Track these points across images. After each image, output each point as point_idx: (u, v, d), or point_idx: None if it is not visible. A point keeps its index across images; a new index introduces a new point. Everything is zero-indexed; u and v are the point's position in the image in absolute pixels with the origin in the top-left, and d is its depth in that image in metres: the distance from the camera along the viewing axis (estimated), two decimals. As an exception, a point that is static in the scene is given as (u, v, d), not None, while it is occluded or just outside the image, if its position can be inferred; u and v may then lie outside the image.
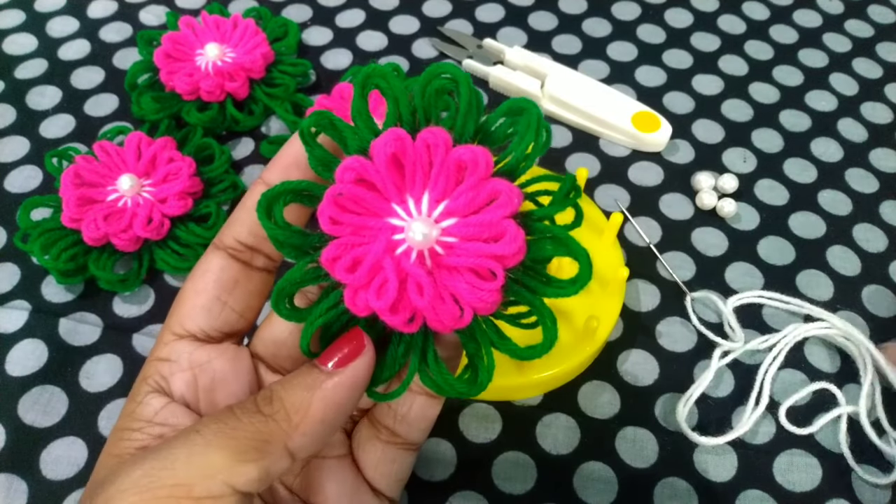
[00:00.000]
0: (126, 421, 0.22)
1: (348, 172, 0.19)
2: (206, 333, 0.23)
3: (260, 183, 0.22)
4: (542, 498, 0.33)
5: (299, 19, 0.51)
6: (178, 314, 0.23)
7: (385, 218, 0.20)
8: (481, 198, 0.19)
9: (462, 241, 0.19)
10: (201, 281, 0.22)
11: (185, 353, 0.22)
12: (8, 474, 0.33)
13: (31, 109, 0.46)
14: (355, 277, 0.19)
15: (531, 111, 0.20)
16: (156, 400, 0.22)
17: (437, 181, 0.20)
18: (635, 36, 0.51)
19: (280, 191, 0.20)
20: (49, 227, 0.38)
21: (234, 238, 0.22)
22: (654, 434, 0.34)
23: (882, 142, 0.46)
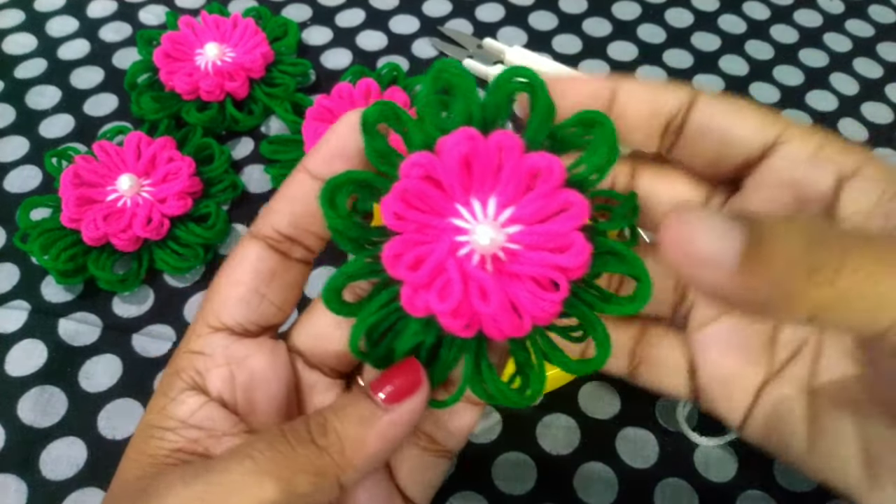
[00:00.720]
0: (158, 418, 0.21)
1: (416, 168, 0.19)
2: (243, 326, 0.22)
3: (302, 171, 0.21)
4: (542, 498, 0.33)
5: (299, 19, 0.51)
6: (213, 305, 0.22)
7: (449, 218, 0.19)
8: (551, 207, 0.19)
9: (526, 249, 0.19)
10: (238, 271, 0.21)
11: (221, 347, 0.21)
12: (8, 474, 0.33)
13: (31, 109, 0.46)
14: (417, 276, 0.19)
15: (607, 125, 0.20)
16: (192, 399, 0.21)
17: (507, 186, 0.19)
18: (636, 36, 0.51)
19: (344, 180, 0.19)
20: (48, 227, 0.38)
21: (273, 228, 0.21)
22: (654, 434, 0.34)
23: (882, 142, 0.46)
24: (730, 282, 0.15)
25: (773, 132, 0.21)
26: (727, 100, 0.21)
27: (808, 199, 0.21)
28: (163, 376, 0.22)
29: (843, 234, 0.16)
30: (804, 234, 0.15)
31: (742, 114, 0.21)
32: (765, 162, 0.21)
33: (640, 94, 0.22)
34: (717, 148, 0.21)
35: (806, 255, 0.15)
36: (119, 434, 0.34)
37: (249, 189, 0.43)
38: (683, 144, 0.22)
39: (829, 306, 0.15)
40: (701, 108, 0.21)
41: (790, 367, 0.22)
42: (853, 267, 0.15)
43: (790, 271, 0.15)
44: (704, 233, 0.15)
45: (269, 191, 0.42)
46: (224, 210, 0.41)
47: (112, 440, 0.34)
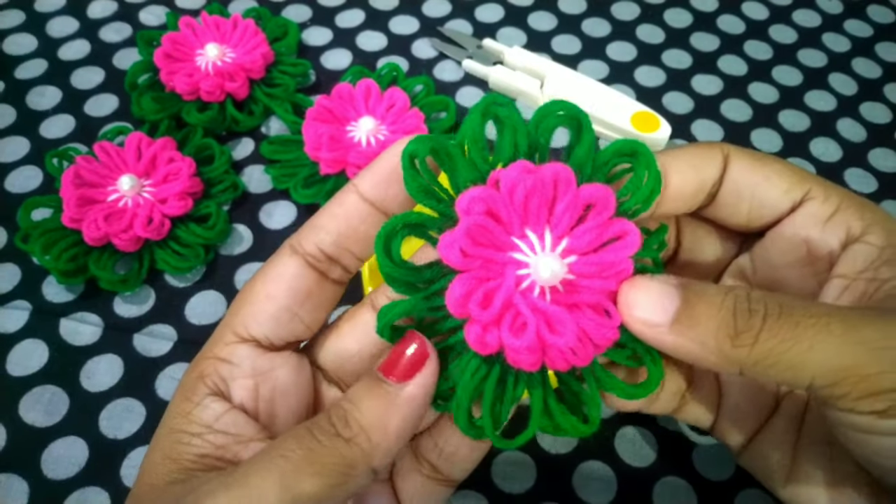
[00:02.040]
0: (182, 422, 0.21)
1: (478, 203, 0.19)
2: (270, 341, 0.22)
3: (353, 191, 0.21)
4: (542, 497, 0.33)
5: (299, 19, 0.51)
6: (243, 315, 0.22)
7: (509, 252, 0.19)
8: (604, 237, 0.19)
9: (579, 279, 0.19)
10: (273, 286, 0.22)
11: (248, 359, 0.22)
12: (9, 474, 0.33)
13: (32, 110, 0.46)
14: (487, 314, 0.19)
15: (647, 154, 0.20)
16: (216, 404, 0.21)
17: (562, 218, 0.19)
18: (635, 36, 0.51)
19: (398, 225, 0.19)
20: (49, 228, 0.38)
21: (317, 245, 0.22)
22: (653, 433, 0.34)
23: (881, 142, 0.46)
24: (664, 340, 0.19)
25: (800, 192, 0.23)
26: (757, 162, 0.23)
27: (817, 256, 0.23)
28: (184, 380, 0.22)
29: (769, 303, 0.19)
30: (733, 302, 0.19)
31: (772, 178, 0.23)
32: (787, 219, 0.23)
33: (687, 170, 0.23)
34: (749, 209, 0.23)
35: (731, 321, 0.18)
36: (120, 434, 0.34)
37: (250, 189, 0.43)
38: (718, 206, 0.24)
39: (752, 365, 0.18)
40: (734, 174, 0.23)
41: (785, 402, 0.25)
42: (769, 334, 0.18)
43: (715, 335, 0.19)
44: (644, 298, 0.19)
45: (269, 191, 0.43)
46: (224, 210, 0.41)
47: (113, 440, 0.34)
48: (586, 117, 0.20)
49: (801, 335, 0.18)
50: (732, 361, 0.19)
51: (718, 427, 0.26)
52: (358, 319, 0.23)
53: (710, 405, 0.26)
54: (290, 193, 0.41)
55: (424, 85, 0.45)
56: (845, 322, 0.18)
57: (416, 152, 0.19)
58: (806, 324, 0.18)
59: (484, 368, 0.20)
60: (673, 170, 0.23)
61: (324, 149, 0.40)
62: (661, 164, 0.22)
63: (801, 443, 0.24)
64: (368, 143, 0.41)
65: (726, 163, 0.23)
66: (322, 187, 0.41)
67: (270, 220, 0.42)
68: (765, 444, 0.25)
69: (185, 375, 0.22)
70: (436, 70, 0.49)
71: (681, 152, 0.23)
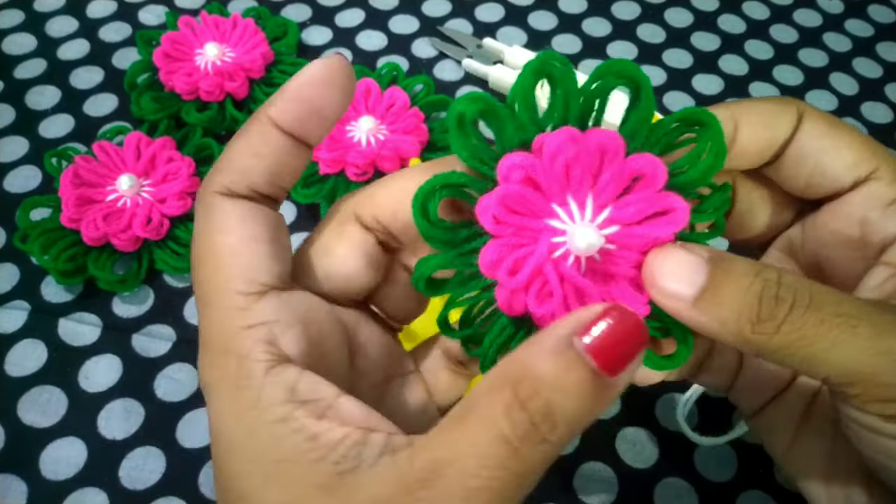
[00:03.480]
0: (257, 415, 0.17)
1: (517, 171, 0.18)
2: (284, 281, 0.20)
3: (265, 121, 0.19)
4: (542, 498, 0.33)
5: (299, 19, 0.51)
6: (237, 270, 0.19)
7: (545, 219, 0.19)
8: (650, 210, 0.19)
9: (620, 249, 0.19)
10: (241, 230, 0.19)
11: (283, 307, 0.19)
12: (7, 474, 0.33)
13: (31, 109, 0.46)
14: (515, 280, 0.18)
15: (715, 127, 0.19)
16: (284, 374, 0.18)
17: (607, 187, 0.19)
18: (635, 35, 0.51)
19: (437, 185, 0.19)
20: (48, 228, 0.38)
21: (250, 187, 0.20)
22: (654, 434, 0.34)
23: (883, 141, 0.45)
24: (686, 314, 0.18)
25: (866, 169, 0.22)
26: (831, 129, 0.22)
27: (870, 241, 0.22)
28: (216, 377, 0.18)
29: (798, 293, 0.18)
30: (760, 287, 0.18)
31: (841, 149, 0.22)
32: (847, 195, 0.22)
33: (759, 125, 0.22)
34: (809, 177, 0.22)
35: (756, 306, 0.18)
36: (119, 434, 0.34)
37: (249, 189, 0.43)
38: (779, 167, 0.22)
39: (770, 353, 0.18)
40: (803, 137, 0.22)
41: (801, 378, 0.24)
42: (792, 327, 0.18)
43: (737, 318, 0.18)
44: (671, 269, 0.18)
45: (269, 191, 0.42)
46: (224, 210, 0.41)
47: (112, 440, 0.34)
48: (647, 81, 0.19)
49: (825, 334, 0.18)
50: (751, 346, 0.18)
51: (733, 393, 0.26)
52: (352, 236, 0.21)
53: (728, 373, 0.25)
54: (289, 193, 0.41)
55: (424, 84, 0.45)
56: (873, 327, 0.18)
57: (464, 112, 0.18)
58: (832, 322, 0.18)
59: (511, 328, 0.20)
60: (744, 123, 0.21)
61: (323, 148, 0.40)
62: (733, 115, 0.21)
63: (807, 420, 0.24)
64: (368, 142, 0.41)
65: (799, 122, 0.22)
66: (321, 187, 0.41)
67: (270, 220, 0.41)
68: (774, 414, 0.25)
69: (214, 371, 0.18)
70: (436, 69, 0.49)
71: (754, 105, 0.22)
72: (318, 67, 0.19)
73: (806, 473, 0.24)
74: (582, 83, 0.19)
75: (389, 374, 0.24)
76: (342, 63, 0.20)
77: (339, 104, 0.20)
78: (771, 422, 0.25)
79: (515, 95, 0.19)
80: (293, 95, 0.19)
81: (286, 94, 0.19)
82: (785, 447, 0.24)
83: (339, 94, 0.20)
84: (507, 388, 0.16)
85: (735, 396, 0.26)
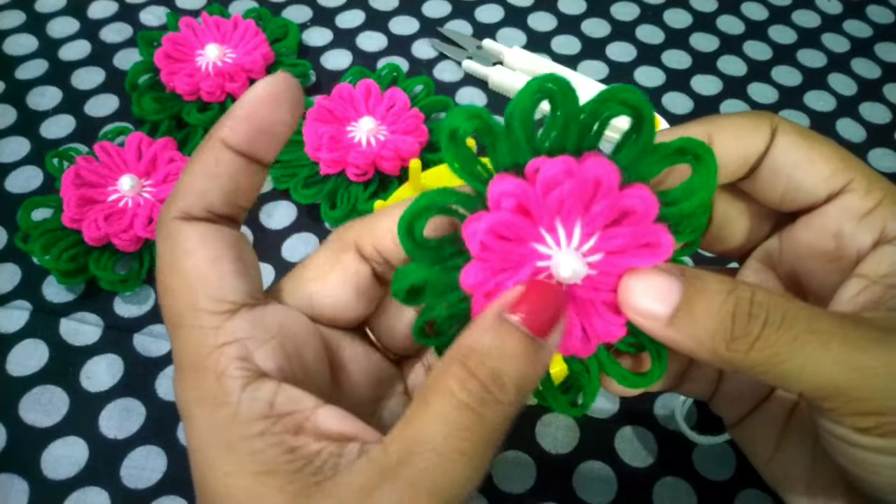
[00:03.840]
0: (236, 430, 0.18)
1: (508, 199, 0.18)
2: (254, 298, 0.20)
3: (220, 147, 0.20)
4: (542, 497, 0.33)
5: (299, 20, 0.51)
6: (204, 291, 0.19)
7: (532, 243, 0.19)
8: (636, 242, 0.19)
9: (600, 275, 0.19)
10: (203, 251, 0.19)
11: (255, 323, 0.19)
12: (9, 474, 0.33)
13: (32, 110, 0.46)
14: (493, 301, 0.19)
15: (709, 161, 0.19)
16: (262, 389, 0.18)
17: (597, 218, 0.18)
18: (634, 36, 0.51)
19: (424, 208, 0.19)
20: (50, 228, 0.38)
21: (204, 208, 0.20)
22: (653, 433, 0.35)
23: (881, 142, 0.46)
24: (661, 332, 0.19)
25: (840, 181, 0.22)
26: (805, 141, 0.22)
27: (845, 253, 0.22)
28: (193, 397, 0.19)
29: (771, 310, 0.18)
30: (733, 305, 0.18)
31: (816, 162, 0.22)
32: (822, 208, 0.22)
33: (733, 140, 0.22)
34: (784, 190, 0.22)
35: (729, 324, 0.18)
36: (120, 434, 0.34)
37: (250, 189, 0.43)
38: (755, 181, 0.23)
39: (745, 369, 0.18)
40: (777, 151, 0.22)
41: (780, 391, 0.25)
42: (765, 343, 0.18)
43: (712, 336, 0.18)
44: (645, 289, 0.19)
45: (270, 191, 0.43)
46: (224, 210, 0.41)
47: (113, 440, 0.34)
48: (650, 110, 0.18)
49: (798, 351, 0.18)
50: (726, 363, 0.19)
51: (714, 403, 0.26)
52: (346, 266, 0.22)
53: (709, 383, 0.26)
54: (290, 193, 0.41)
55: (424, 85, 0.45)
56: (846, 344, 0.18)
57: (458, 128, 0.18)
58: (804, 339, 0.18)
59: None
60: (718, 139, 0.22)
61: (324, 149, 0.40)
62: (707, 131, 0.22)
63: (787, 431, 0.24)
64: (368, 143, 0.41)
65: (773, 136, 0.22)
66: (322, 187, 0.41)
67: (270, 220, 0.42)
68: (755, 425, 0.25)
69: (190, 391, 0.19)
70: (436, 70, 0.49)
71: (728, 121, 0.22)
72: (264, 86, 0.20)
73: (788, 484, 0.24)
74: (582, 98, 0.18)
75: (378, 395, 0.24)
76: (287, 80, 0.20)
77: (287, 121, 0.20)
78: (752, 432, 0.25)
79: (513, 115, 0.18)
80: (241, 115, 0.20)
81: (235, 115, 0.20)
82: (767, 458, 0.24)
83: (286, 110, 0.20)
84: (457, 365, 0.18)
85: (717, 406, 0.26)
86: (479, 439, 0.17)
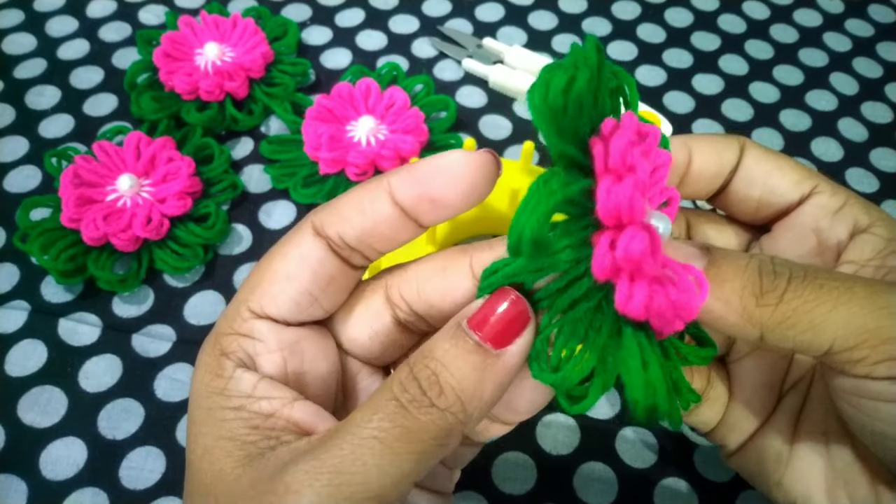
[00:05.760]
0: (219, 399, 0.20)
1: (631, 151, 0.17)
2: (286, 321, 0.21)
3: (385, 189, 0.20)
4: (542, 498, 0.33)
5: (299, 19, 0.51)
6: (260, 294, 0.21)
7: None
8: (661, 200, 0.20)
9: None
10: (295, 267, 0.21)
11: (270, 333, 0.21)
12: (7, 474, 0.33)
13: (30, 109, 0.46)
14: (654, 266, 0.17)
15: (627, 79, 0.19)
16: (248, 374, 0.20)
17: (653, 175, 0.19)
18: (635, 35, 0.51)
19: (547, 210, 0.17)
20: (48, 227, 0.38)
21: (339, 235, 0.21)
22: (654, 434, 0.34)
23: (882, 141, 0.46)
24: None
25: (809, 185, 0.24)
26: (770, 154, 0.25)
27: (826, 247, 0.24)
28: (205, 359, 0.21)
29: (794, 267, 0.19)
30: (758, 265, 0.19)
31: (784, 169, 0.24)
32: (797, 209, 0.24)
33: (709, 153, 0.24)
34: (760, 197, 0.25)
35: (757, 280, 0.19)
36: (119, 434, 0.34)
37: (249, 189, 0.43)
38: (729, 193, 0.25)
39: (775, 325, 0.19)
40: (748, 163, 0.24)
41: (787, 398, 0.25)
42: (795, 294, 0.18)
43: (741, 293, 0.19)
44: (672, 255, 0.19)
45: (269, 190, 0.42)
46: (224, 210, 0.41)
47: (112, 440, 0.34)
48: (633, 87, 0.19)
49: (825, 296, 0.18)
50: (755, 321, 0.19)
51: (720, 428, 0.26)
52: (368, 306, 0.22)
53: (720, 405, 0.26)
54: (289, 193, 0.41)
55: (424, 84, 0.45)
56: (869, 287, 0.19)
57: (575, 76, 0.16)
58: (830, 286, 0.19)
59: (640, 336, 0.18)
60: (696, 150, 0.24)
61: (323, 148, 0.40)
62: (685, 143, 0.24)
63: (798, 437, 0.24)
64: (368, 142, 0.41)
65: (742, 152, 0.24)
66: (322, 187, 0.41)
67: (270, 220, 0.41)
68: (764, 440, 0.25)
69: (205, 355, 0.21)
70: (436, 69, 0.49)
71: (702, 137, 0.25)
72: (455, 158, 0.20)
73: (806, 494, 0.24)
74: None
75: None
76: (484, 160, 0.20)
77: (461, 199, 0.20)
78: (759, 453, 0.25)
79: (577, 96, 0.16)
80: (417, 175, 0.20)
81: (412, 170, 0.20)
82: (777, 477, 0.24)
83: (464, 189, 0.20)
84: (405, 368, 0.19)
85: (721, 434, 0.26)
86: (402, 434, 0.18)
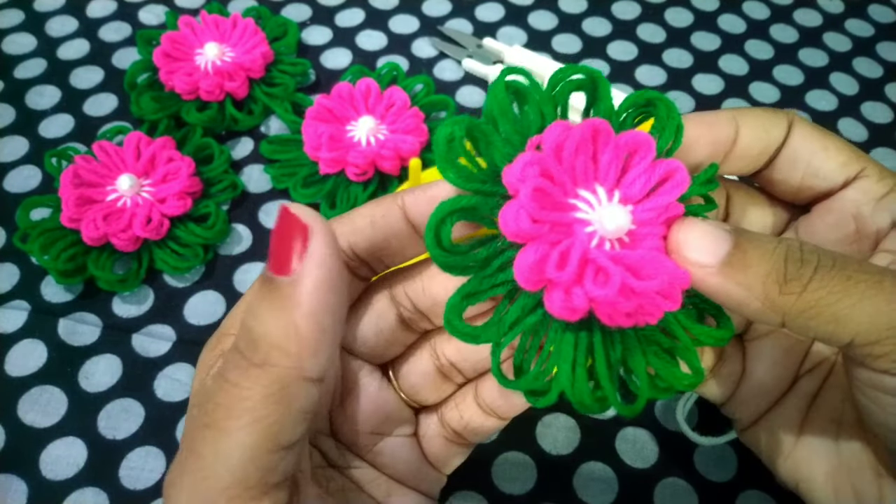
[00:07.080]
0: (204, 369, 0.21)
1: (532, 167, 0.18)
2: None
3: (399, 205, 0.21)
4: (542, 498, 0.33)
5: (299, 18, 0.51)
6: None
7: (570, 212, 0.19)
8: (652, 181, 0.19)
9: (640, 227, 0.19)
10: None
11: None
12: (8, 474, 0.33)
13: (31, 109, 0.46)
14: (567, 273, 0.18)
15: (662, 98, 0.20)
16: None
17: (609, 170, 0.19)
18: (635, 35, 0.51)
19: (449, 211, 0.19)
20: (48, 227, 0.38)
21: (350, 247, 0.21)
22: (654, 434, 0.34)
23: (882, 141, 0.46)
24: (711, 281, 0.18)
25: (855, 168, 0.23)
26: (819, 133, 0.23)
27: (864, 234, 0.23)
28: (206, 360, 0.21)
29: (822, 255, 0.19)
30: (785, 250, 0.18)
31: (831, 150, 0.23)
32: (839, 193, 0.23)
33: (757, 128, 0.23)
34: (803, 178, 0.24)
35: (782, 267, 0.18)
36: (119, 434, 0.34)
37: (249, 189, 0.43)
38: (773, 170, 0.24)
39: (797, 314, 0.18)
40: (795, 141, 0.23)
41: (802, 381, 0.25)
42: (819, 284, 0.18)
43: (764, 280, 0.18)
44: (695, 238, 0.19)
45: (269, 190, 0.42)
46: (224, 210, 0.41)
47: (112, 440, 0.34)
48: (601, 76, 0.20)
49: (852, 289, 0.18)
50: (777, 309, 0.18)
51: (732, 402, 0.26)
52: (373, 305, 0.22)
53: (732, 381, 0.26)
54: (289, 193, 0.41)
55: (424, 84, 0.45)
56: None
57: (452, 135, 0.19)
58: (858, 278, 0.18)
59: (583, 337, 0.19)
60: (744, 126, 0.23)
61: (323, 148, 0.40)
62: (734, 116, 0.23)
63: (809, 420, 0.24)
64: (368, 142, 0.41)
65: (790, 128, 0.23)
66: (321, 187, 0.41)
67: (270, 220, 0.41)
68: (774, 420, 0.25)
69: (207, 355, 0.21)
70: (436, 69, 0.49)
71: (750, 111, 0.23)
72: None
73: (807, 477, 0.24)
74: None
75: (381, 430, 0.24)
76: None
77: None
78: (769, 431, 0.25)
79: (493, 112, 0.19)
80: (431, 195, 0.20)
81: (427, 190, 0.20)
82: (784, 455, 0.24)
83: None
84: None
85: (733, 408, 0.26)
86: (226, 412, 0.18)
